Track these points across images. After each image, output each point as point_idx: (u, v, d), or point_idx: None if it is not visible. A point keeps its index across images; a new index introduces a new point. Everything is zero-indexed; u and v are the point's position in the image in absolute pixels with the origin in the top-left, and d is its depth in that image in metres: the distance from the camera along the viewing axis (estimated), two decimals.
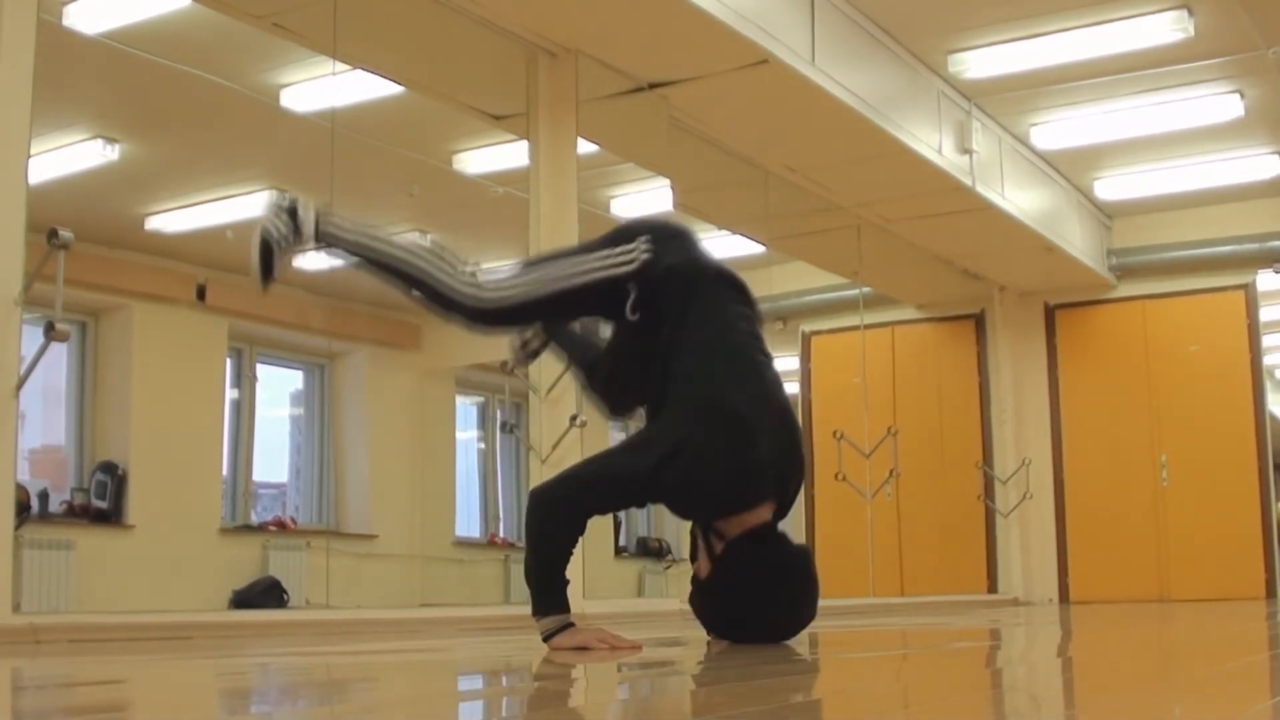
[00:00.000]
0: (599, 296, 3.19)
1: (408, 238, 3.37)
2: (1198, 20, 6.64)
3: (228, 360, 8.49)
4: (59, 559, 6.89)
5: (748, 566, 3.09)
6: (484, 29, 5.58)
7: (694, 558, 3.36)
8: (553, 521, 3.02)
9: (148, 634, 3.99)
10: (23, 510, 6.29)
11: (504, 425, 8.91)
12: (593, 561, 2.96)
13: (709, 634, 3.27)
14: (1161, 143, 8.50)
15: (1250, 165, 8.79)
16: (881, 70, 6.86)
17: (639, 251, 3.15)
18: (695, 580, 3.25)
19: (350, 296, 8.83)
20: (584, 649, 2.92)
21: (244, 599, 7.63)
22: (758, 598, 3.10)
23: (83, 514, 7.39)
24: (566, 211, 5.65)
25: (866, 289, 9.41)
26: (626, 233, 3.24)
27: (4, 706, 1.90)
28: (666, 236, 3.26)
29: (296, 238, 3.27)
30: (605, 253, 3.18)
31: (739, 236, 8.51)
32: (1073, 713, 1.65)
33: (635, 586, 9.61)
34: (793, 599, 3.16)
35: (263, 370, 8.81)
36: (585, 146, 5.89)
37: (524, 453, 5.75)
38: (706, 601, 3.18)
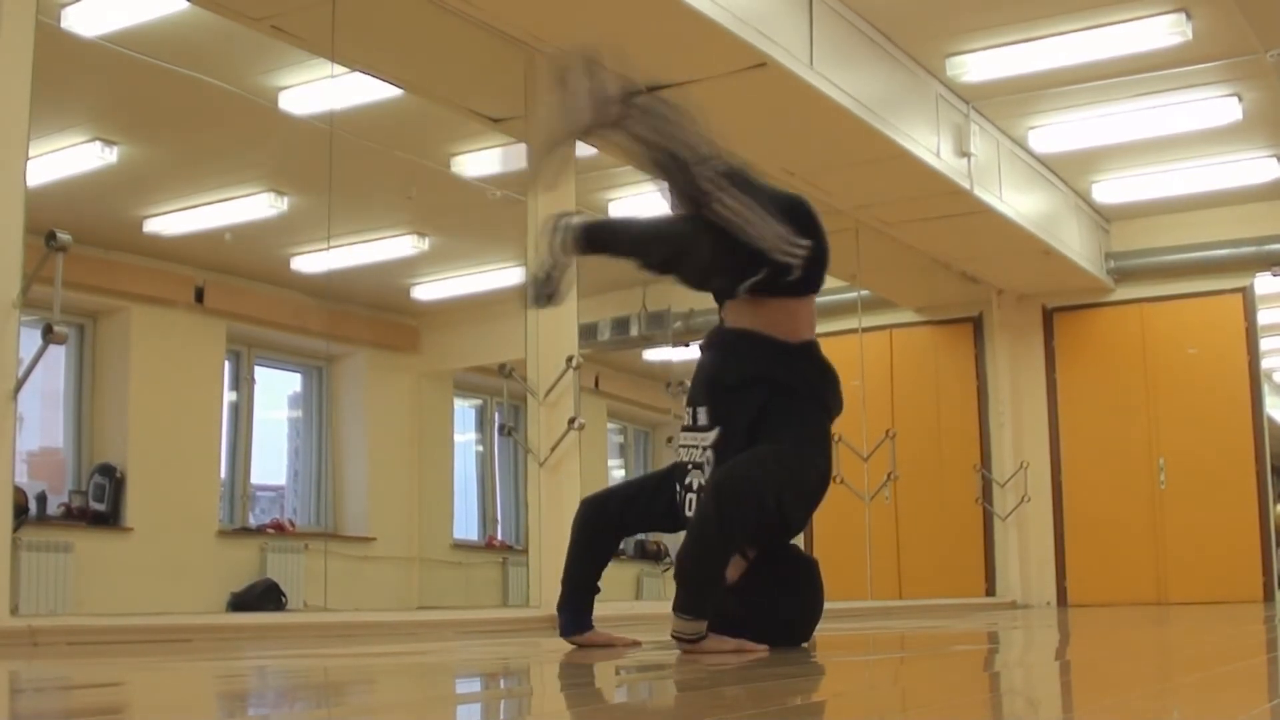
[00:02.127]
0: (746, 251, 3.10)
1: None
2: (1196, 24, 6.64)
3: (226, 362, 8.48)
4: (57, 561, 6.88)
5: (780, 571, 3.20)
6: (482, 31, 5.58)
7: None
8: (749, 513, 2.93)
9: (146, 636, 3.98)
10: (21, 512, 6.28)
11: (502, 428, 8.89)
12: None
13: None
14: (1159, 146, 8.50)
15: (1248, 168, 8.80)
16: (880, 73, 6.86)
17: (798, 258, 3.12)
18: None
19: (349, 299, 8.83)
20: (719, 653, 2.89)
21: (242, 601, 7.63)
22: (781, 601, 3.18)
23: (81, 516, 7.38)
24: None
25: (864, 292, 9.41)
26: (803, 220, 3.19)
27: (2, 709, 1.90)
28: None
29: (567, 258, 3.34)
30: (782, 229, 3.10)
31: None
32: (1070, 716, 1.65)
33: (633, 589, 9.61)
34: (807, 604, 3.27)
35: (261, 372, 8.80)
36: (583, 149, 5.87)
37: (522, 455, 5.75)
38: (735, 604, 3.19)
